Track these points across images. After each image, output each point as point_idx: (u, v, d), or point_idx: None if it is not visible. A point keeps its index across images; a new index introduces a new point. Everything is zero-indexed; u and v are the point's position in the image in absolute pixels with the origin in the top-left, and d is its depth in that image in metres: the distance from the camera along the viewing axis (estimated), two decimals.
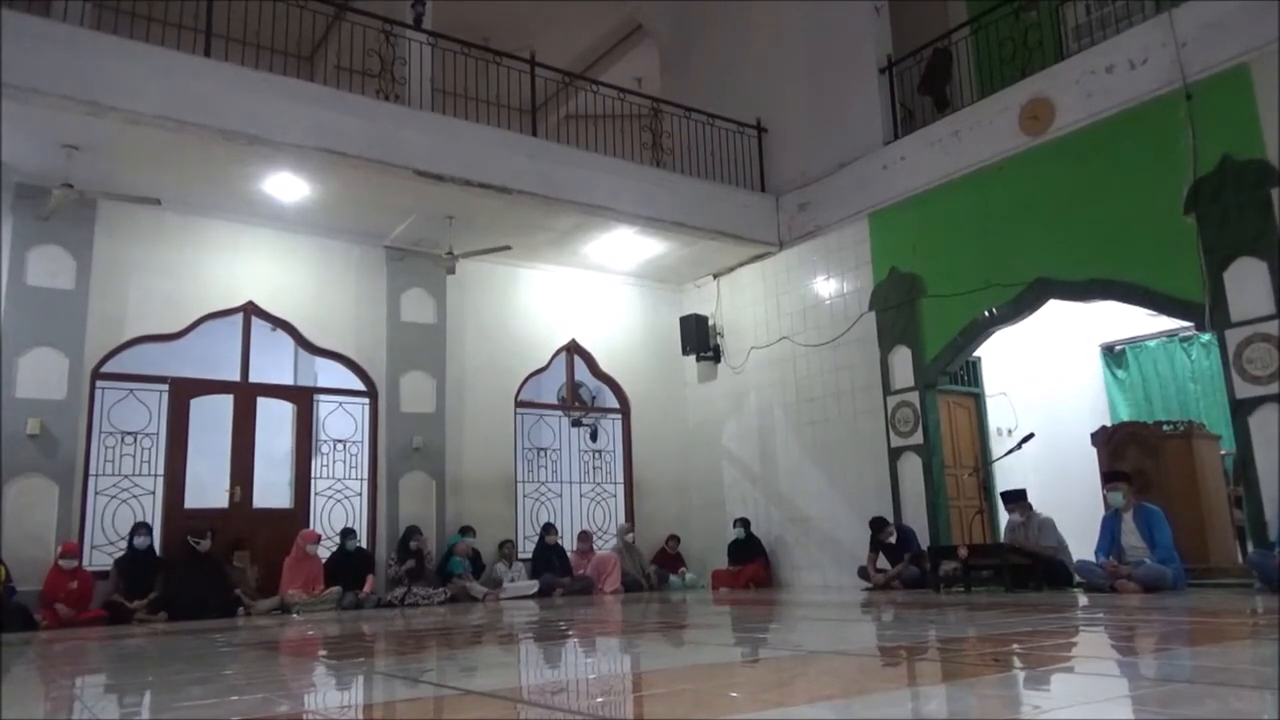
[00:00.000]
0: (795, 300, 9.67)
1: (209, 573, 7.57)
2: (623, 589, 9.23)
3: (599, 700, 2.59)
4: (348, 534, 8.43)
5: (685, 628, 5.19)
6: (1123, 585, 6.13)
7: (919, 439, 8.27)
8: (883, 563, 8.16)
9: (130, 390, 7.94)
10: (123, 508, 7.75)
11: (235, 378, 8.54)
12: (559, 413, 10.52)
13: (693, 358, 10.70)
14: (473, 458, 9.40)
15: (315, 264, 8.90)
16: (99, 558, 7.51)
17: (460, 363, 9.50)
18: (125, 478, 7.81)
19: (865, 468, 8.76)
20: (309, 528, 8.45)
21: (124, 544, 7.50)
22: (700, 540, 10.39)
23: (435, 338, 9.38)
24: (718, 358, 10.55)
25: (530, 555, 9.41)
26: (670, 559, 10.10)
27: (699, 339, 10.49)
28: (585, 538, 9.75)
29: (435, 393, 9.26)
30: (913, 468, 8.33)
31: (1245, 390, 6.16)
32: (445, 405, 9.30)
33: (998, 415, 9.03)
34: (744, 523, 9.64)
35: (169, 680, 3.38)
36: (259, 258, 8.62)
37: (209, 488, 8.32)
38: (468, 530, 8.93)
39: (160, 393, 8.07)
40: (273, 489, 8.62)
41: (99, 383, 7.76)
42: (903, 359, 8.49)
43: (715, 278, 10.67)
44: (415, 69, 8.21)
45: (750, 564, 9.41)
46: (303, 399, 8.90)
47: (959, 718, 2.16)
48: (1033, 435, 7.82)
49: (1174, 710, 2.04)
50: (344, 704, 2.86)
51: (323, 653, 4.53)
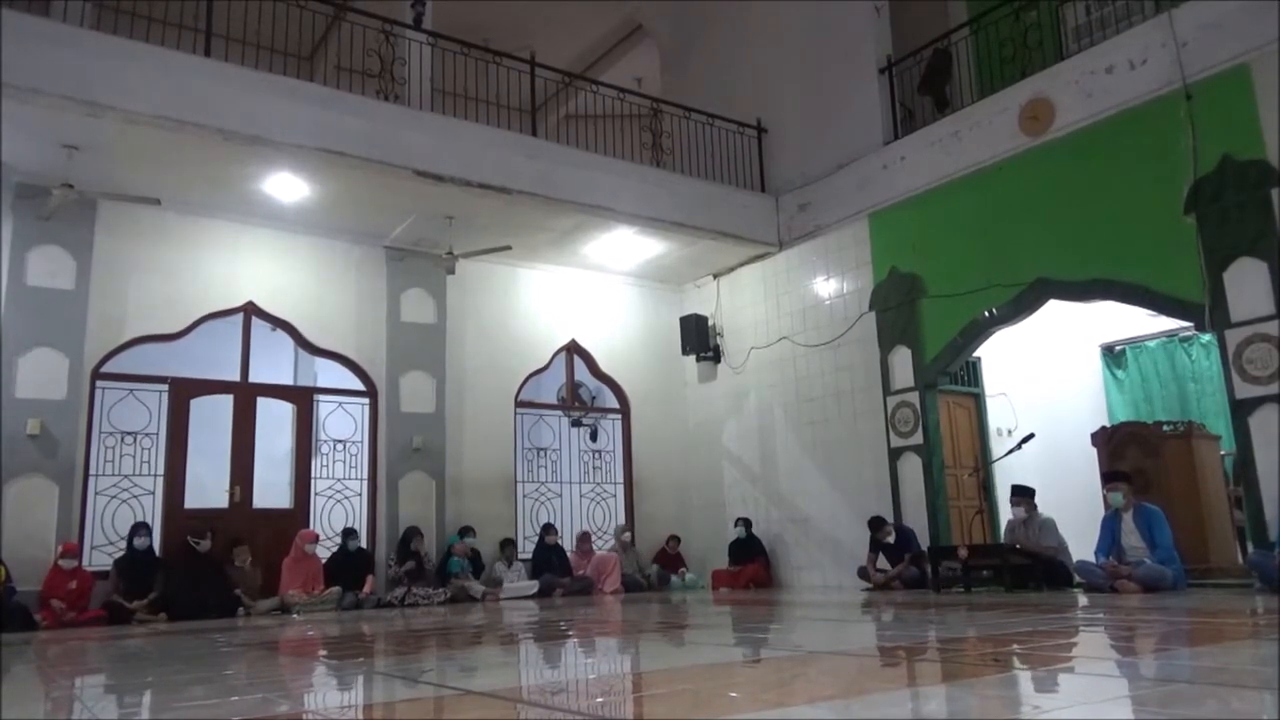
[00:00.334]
0: (795, 300, 9.67)
1: (209, 573, 7.58)
2: (623, 589, 9.23)
3: (599, 700, 2.59)
4: (349, 534, 8.43)
5: (685, 628, 5.19)
6: (1123, 585, 6.13)
7: (919, 439, 8.27)
8: (883, 563, 8.16)
9: (130, 390, 7.94)
10: (123, 508, 7.76)
11: (235, 378, 8.54)
12: (559, 413, 10.52)
13: (693, 358, 10.70)
14: (473, 458, 9.40)
15: (315, 264, 8.90)
16: (99, 558, 7.51)
17: (460, 363, 9.50)
18: (125, 478, 7.82)
19: (865, 468, 8.76)
20: (309, 528, 8.45)
21: (124, 544, 7.50)
22: (700, 540, 10.39)
23: (435, 338, 9.39)
24: (718, 358, 10.55)
25: (530, 555, 9.41)
26: (670, 559, 10.10)
27: (699, 339, 10.49)
28: (585, 538, 9.76)
29: (435, 393, 9.27)
30: (913, 468, 8.33)
31: (1245, 390, 6.17)
32: (445, 405, 9.30)
33: (998, 415, 9.03)
34: (745, 522, 9.64)
35: (169, 680, 3.38)
36: (259, 258, 8.62)
37: (209, 488, 8.32)
38: (467, 530, 8.93)
39: (160, 393, 8.07)
40: (273, 489, 8.62)
41: (99, 383, 7.77)
42: (903, 359, 8.49)
43: (715, 278, 10.68)
44: (415, 69, 8.22)
45: (750, 564, 9.41)
46: (303, 399, 8.90)
47: (959, 718, 2.16)
48: (1033, 435, 7.83)
49: (1174, 710, 2.04)
50: (344, 704, 2.86)
51: (323, 653, 4.53)
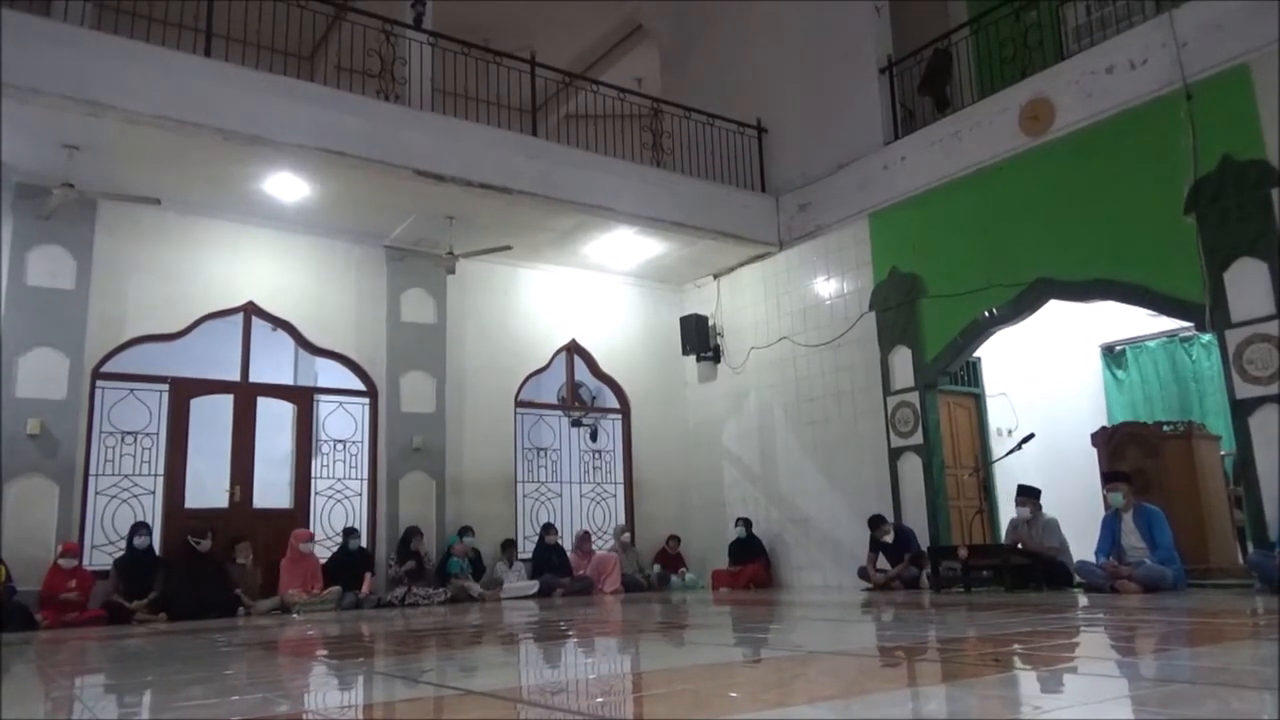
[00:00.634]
0: (795, 300, 9.67)
1: (209, 573, 7.58)
2: (622, 589, 9.23)
3: (599, 700, 2.59)
4: (350, 533, 8.43)
5: (685, 628, 5.19)
6: (1123, 586, 6.13)
7: (919, 439, 8.27)
8: (882, 563, 8.16)
9: (130, 390, 7.94)
10: (123, 507, 7.75)
11: (235, 378, 8.54)
12: (559, 413, 10.52)
13: (693, 358, 10.70)
14: (473, 458, 9.39)
15: (315, 264, 8.90)
16: (99, 557, 7.51)
17: (460, 363, 9.50)
18: (125, 477, 7.81)
19: (865, 468, 8.75)
20: (309, 528, 8.46)
21: (123, 544, 7.49)
22: (700, 540, 10.39)
23: (435, 338, 9.38)
24: (718, 358, 10.55)
25: (530, 555, 9.41)
26: (671, 559, 10.10)
27: (699, 339, 10.48)
28: (585, 538, 9.75)
29: (435, 393, 9.26)
30: (913, 468, 8.33)
31: (1245, 390, 6.17)
32: (445, 405, 9.30)
33: (998, 415, 9.03)
34: (745, 522, 9.63)
35: (168, 680, 3.38)
36: (259, 258, 8.62)
37: (209, 488, 8.32)
38: (466, 530, 8.93)
39: (160, 393, 8.07)
40: (273, 489, 8.62)
41: (99, 382, 7.76)
42: (903, 359, 8.49)
43: (715, 278, 10.67)
44: (415, 69, 8.22)
45: (750, 564, 9.40)
46: (303, 399, 8.90)
47: (959, 718, 2.16)
48: (1033, 435, 7.82)
49: (1174, 710, 2.04)
50: (344, 704, 2.86)
51: (323, 653, 4.53)
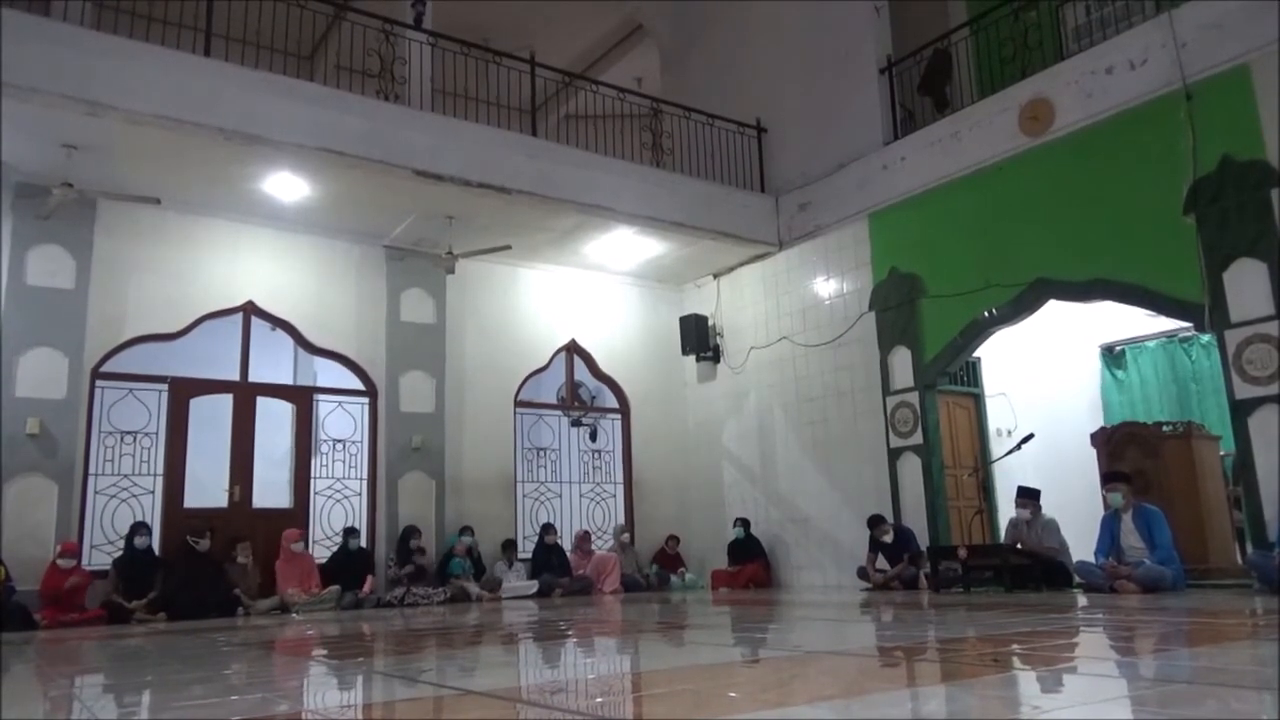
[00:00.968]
0: (795, 300, 9.67)
1: (208, 573, 7.57)
2: (622, 589, 9.23)
3: (598, 700, 2.59)
4: (350, 533, 8.43)
5: (684, 628, 5.19)
6: (1122, 586, 6.13)
7: (918, 439, 8.27)
8: (882, 563, 8.16)
9: (130, 390, 7.94)
10: (122, 507, 7.75)
11: (235, 377, 8.54)
12: (559, 413, 10.52)
13: (692, 358, 10.70)
14: (472, 457, 9.39)
15: (315, 264, 8.89)
16: (99, 557, 7.50)
17: (460, 362, 9.49)
18: (125, 477, 7.81)
19: (865, 468, 8.75)
20: (309, 527, 8.48)
21: (123, 543, 7.49)
22: (700, 540, 10.39)
23: (435, 337, 9.38)
24: (717, 358, 10.55)
25: (530, 555, 9.41)
26: (670, 559, 10.10)
27: (699, 339, 10.48)
28: (584, 538, 9.75)
29: (435, 392, 9.26)
30: (912, 468, 8.33)
31: (1245, 391, 6.17)
32: (445, 405, 9.29)
33: (997, 416, 9.03)
34: (744, 523, 9.63)
35: (168, 680, 3.38)
36: (259, 257, 8.62)
37: (208, 487, 8.31)
38: (466, 530, 8.93)
39: (160, 392, 8.06)
40: (272, 489, 8.62)
41: (99, 382, 7.76)
42: (902, 359, 8.49)
43: (715, 278, 10.67)
44: (415, 69, 8.21)
45: (750, 564, 9.40)
46: (302, 398, 8.89)
47: (958, 718, 2.16)
48: (1032, 436, 7.82)
49: (1173, 710, 2.04)
50: (343, 704, 2.86)
51: (322, 653, 4.53)
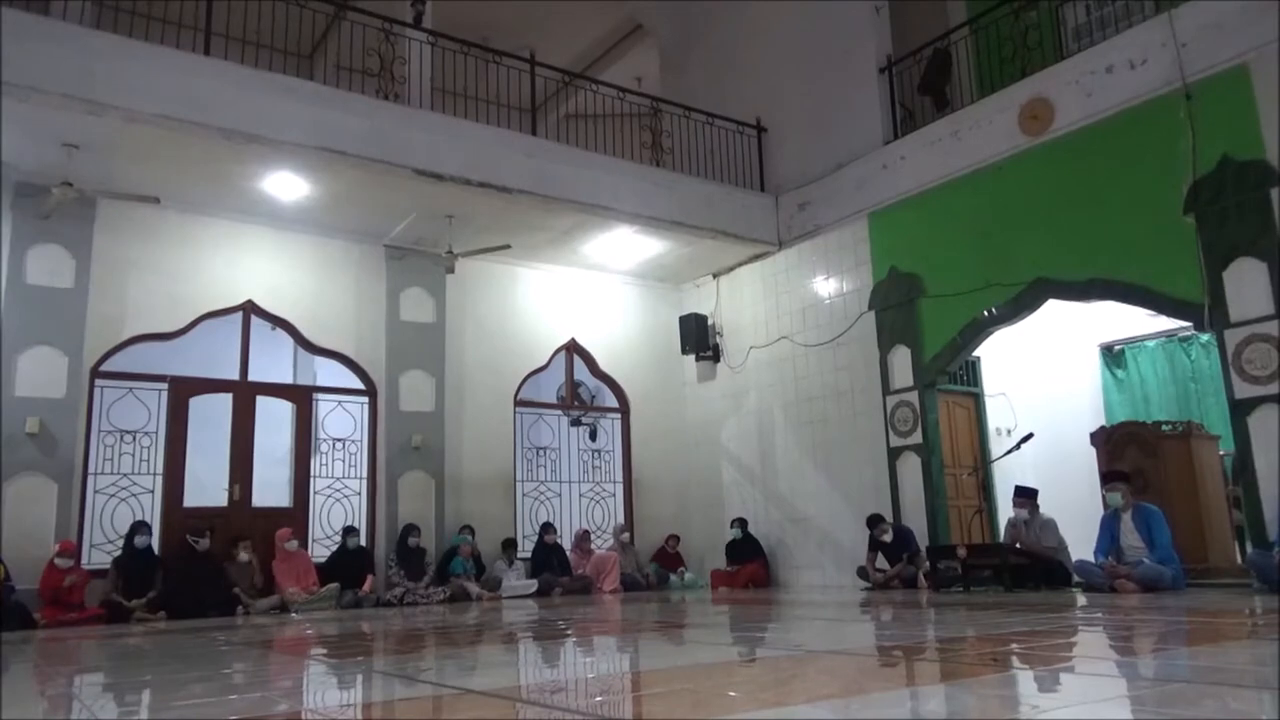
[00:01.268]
0: (795, 300, 9.67)
1: (208, 572, 7.57)
2: (621, 588, 9.23)
3: (598, 699, 2.59)
4: (349, 532, 8.43)
5: (684, 627, 5.19)
6: (1121, 585, 6.13)
7: (918, 439, 8.27)
8: (881, 562, 8.16)
9: (129, 389, 7.93)
10: (122, 506, 7.75)
11: (234, 376, 8.54)
12: (558, 412, 10.52)
13: (692, 357, 10.70)
14: (472, 457, 9.39)
15: (314, 263, 8.89)
16: (98, 556, 7.51)
17: (459, 362, 9.49)
18: (124, 476, 7.81)
19: (864, 467, 8.75)
20: (308, 527, 8.49)
21: (122, 543, 7.48)
22: (699, 540, 10.39)
23: (434, 337, 9.38)
24: (717, 357, 10.55)
25: (529, 555, 9.41)
26: (670, 558, 10.10)
27: (698, 338, 10.48)
28: (584, 537, 9.75)
29: (434, 392, 9.26)
30: (912, 467, 8.33)
31: (1244, 390, 6.17)
32: (444, 404, 9.29)
33: (997, 415, 9.04)
34: (741, 523, 9.64)
35: (167, 679, 3.38)
36: (258, 256, 8.62)
37: (208, 486, 8.31)
38: (466, 529, 8.93)
39: (159, 391, 8.06)
40: (272, 488, 8.61)
41: (98, 381, 7.76)
42: (902, 359, 8.49)
43: (715, 277, 10.67)
44: (415, 68, 8.22)
45: (749, 564, 9.40)
46: (302, 398, 8.89)
47: (957, 717, 2.16)
48: (1032, 435, 7.82)
49: (1172, 710, 2.05)
50: (343, 703, 2.86)
51: (322, 651, 4.53)
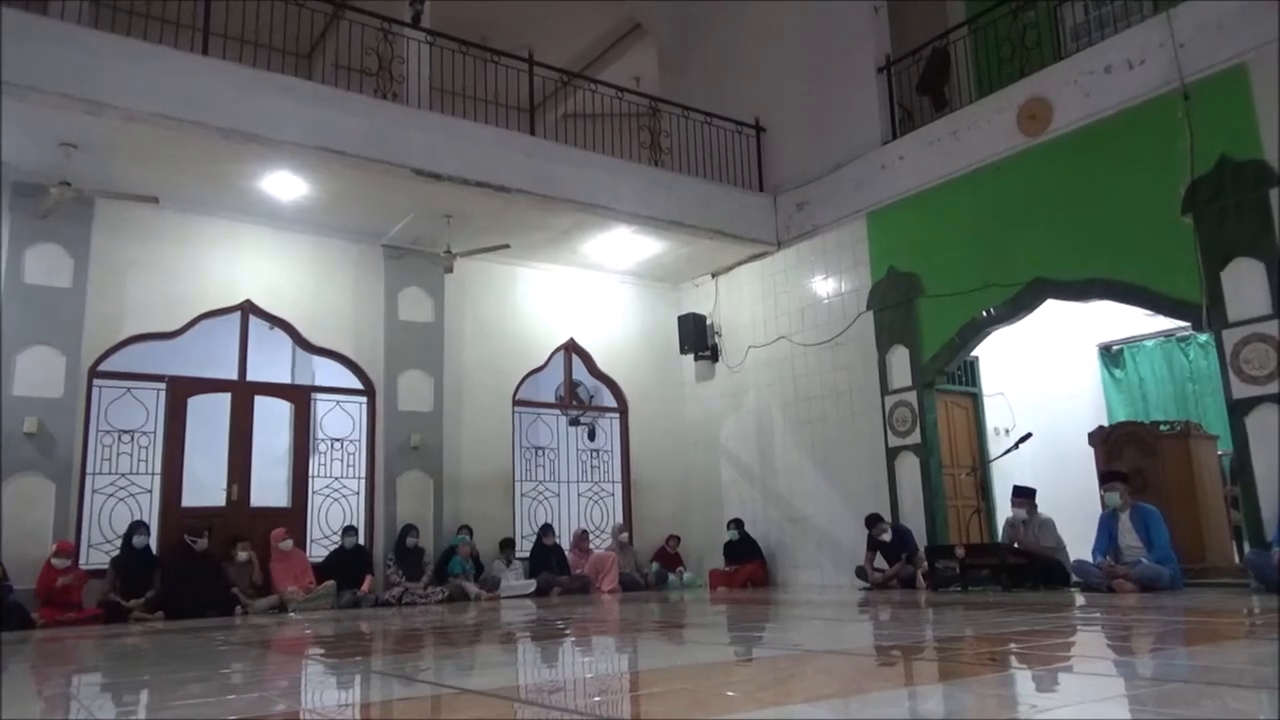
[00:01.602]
0: (793, 300, 9.67)
1: (206, 572, 7.56)
2: (620, 588, 9.23)
3: (596, 699, 2.59)
4: (348, 531, 8.43)
5: (682, 627, 5.19)
6: (1120, 585, 6.14)
7: (916, 439, 8.27)
8: (880, 562, 8.16)
9: (128, 389, 7.93)
10: (120, 506, 7.74)
11: (233, 376, 8.53)
12: (557, 412, 10.51)
13: (691, 357, 10.69)
14: (471, 457, 9.39)
15: (313, 262, 8.88)
16: (96, 556, 7.50)
17: (458, 361, 9.49)
18: (122, 476, 7.80)
19: (863, 467, 8.75)
20: (307, 526, 8.49)
21: (120, 542, 7.46)
22: (698, 539, 10.38)
23: (433, 336, 9.38)
24: (716, 357, 10.55)
25: (528, 554, 9.41)
26: (670, 558, 10.09)
27: (697, 338, 10.48)
28: (583, 536, 9.75)
29: (433, 391, 9.26)
30: (910, 467, 8.33)
31: (1242, 390, 6.17)
32: (443, 404, 9.29)
33: (995, 415, 9.04)
34: (737, 523, 9.63)
35: (165, 679, 3.38)
36: (257, 256, 8.61)
37: (206, 486, 8.31)
38: (464, 529, 8.92)
39: (158, 391, 8.05)
40: (270, 488, 8.61)
41: (96, 381, 7.75)
42: (900, 359, 8.49)
43: (713, 277, 10.67)
44: (413, 68, 8.21)
45: (747, 563, 9.40)
46: (300, 397, 8.88)
47: (956, 717, 2.16)
48: (1030, 435, 7.83)
49: (1171, 710, 2.05)
50: (341, 702, 2.85)
51: (320, 651, 4.53)
